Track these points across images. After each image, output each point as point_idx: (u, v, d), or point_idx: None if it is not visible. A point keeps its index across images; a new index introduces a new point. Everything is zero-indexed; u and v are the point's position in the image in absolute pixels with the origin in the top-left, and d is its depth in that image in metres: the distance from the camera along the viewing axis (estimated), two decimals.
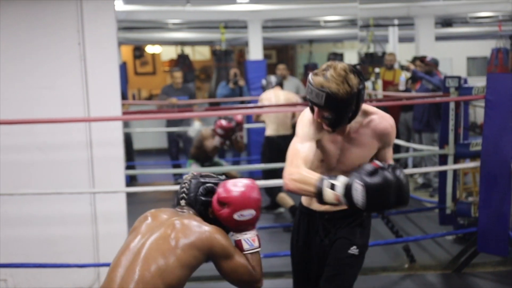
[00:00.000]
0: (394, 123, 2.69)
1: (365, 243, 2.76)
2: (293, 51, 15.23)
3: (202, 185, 2.42)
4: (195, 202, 2.41)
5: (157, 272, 2.16)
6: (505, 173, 4.23)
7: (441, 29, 11.33)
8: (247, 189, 2.36)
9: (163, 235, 2.23)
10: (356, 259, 2.73)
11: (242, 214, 2.33)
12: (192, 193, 2.42)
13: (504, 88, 4.24)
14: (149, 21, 10.46)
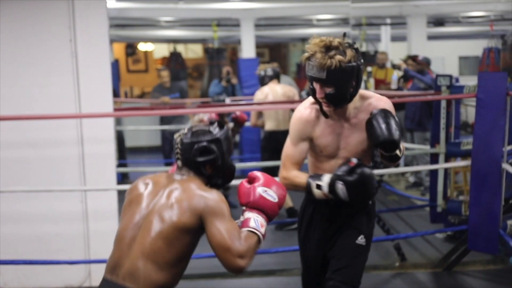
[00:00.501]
0: (391, 105, 2.72)
1: (371, 232, 2.79)
2: (285, 50, 15.23)
3: (195, 145, 2.32)
4: (191, 163, 2.33)
5: (162, 242, 2.17)
6: (496, 171, 4.24)
7: (433, 28, 11.37)
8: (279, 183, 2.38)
9: (164, 202, 2.23)
10: (363, 249, 2.76)
11: (266, 191, 2.29)
12: (186, 154, 2.33)
13: (495, 87, 4.25)
14: (142, 19, 10.44)
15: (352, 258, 2.74)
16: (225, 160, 2.38)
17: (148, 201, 2.27)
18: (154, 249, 2.17)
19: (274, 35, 12.09)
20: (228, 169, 2.41)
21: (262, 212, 2.29)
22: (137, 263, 2.17)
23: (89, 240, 4.45)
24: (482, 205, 4.26)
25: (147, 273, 2.16)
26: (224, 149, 2.37)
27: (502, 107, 4.21)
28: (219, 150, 2.35)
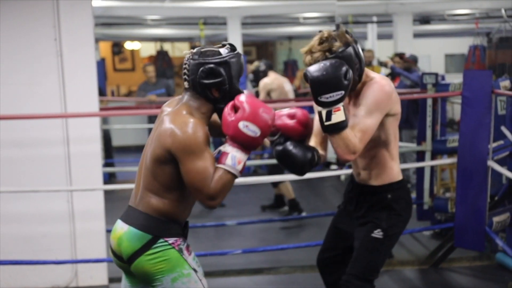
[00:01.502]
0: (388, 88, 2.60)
1: (392, 225, 2.73)
2: (272, 48, 15.24)
3: (202, 66, 2.25)
4: (197, 85, 2.27)
5: (149, 172, 2.28)
6: (481, 169, 4.27)
7: (419, 26, 11.40)
8: (265, 109, 2.25)
9: (152, 135, 2.32)
10: (380, 243, 2.72)
11: (247, 126, 2.21)
12: (192, 75, 2.27)
13: (480, 85, 4.28)
14: (128, 17, 10.39)
15: (365, 251, 2.73)
16: (233, 84, 2.29)
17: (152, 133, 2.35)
18: (146, 180, 2.30)
19: (261, 33, 12.08)
20: (236, 94, 2.30)
21: (241, 146, 2.24)
22: (142, 193, 2.32)
23: (76, 240, 4.43)
24: (468, 202, 4.28)
25: (148, 200, 2.30)
26: (233, 72, 2.28)
27: (487, 105, 4.24)
28: (226, 73, 2.26)
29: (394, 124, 2.69)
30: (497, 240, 4.28)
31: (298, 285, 4.47)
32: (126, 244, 2.30)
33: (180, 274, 2.29)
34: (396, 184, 2.75)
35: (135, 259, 2.28)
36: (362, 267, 2.72)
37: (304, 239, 5.32)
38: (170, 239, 2.29)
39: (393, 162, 2.74)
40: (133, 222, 2.31)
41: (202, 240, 5.52)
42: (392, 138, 2.71)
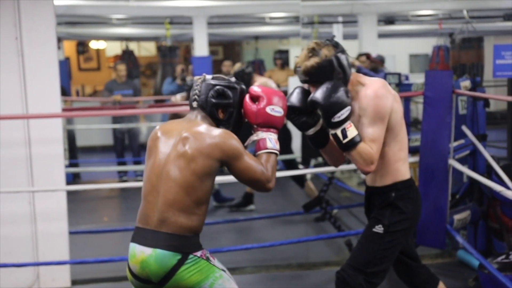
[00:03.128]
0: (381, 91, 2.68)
1: (395, 222, 2.79)
2: (239, 48, 15.24)
3: (212, 88, 2.48)
4: (206, 104, 2.47)
5: (183, 191, 2.35)
6: (443, 168, 4.33)
7: (384, 26, 11.52)
8: (277, 92, 2.56)
9: (177, 149, 2.38)
10: (379, 237, 2.79)
11: (274, 109, 2.49)
12: (203, 95, 2.47)
13: (441, 85, 4.34)
14: (92, 16, 10.28)
15: (364, 244, 2.83)
16: (239, 111, 2.52)
17: (165, 151, 2.42)
18: (177, 198, 2.35)
19: (227, 33, 12.06)
20: (240, 122, 2.55)
21: (273, 127, 2.51)
22: (165, 213, 2.36)
23: (38, 242, 4.37)
24: (430, 200, 4.34)
25: (175, 219, 2.35)
26: (240, 99, 2.53)
27: (448, 105, 4.31)
28: (234, 98, 2.50)
29: (397, 124, 2.74)
30: (458, 237, 4.35)
31: (263, 284, 4.49)
32: (156, 266, 2.36)
33: (214, 279, 2.43)
34: (401, 183, 2.81)
35: (169, 279, 2.37)
36: (358, 258, 2.81)
37: (270, 239, 5.34)
38: (198, 253, 2.41)
39: (399, 163, 2.80)
40: (158, 244, 2.36)
41: None
42: (396, 139, 2.77)
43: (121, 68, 8.22)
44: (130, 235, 5.94)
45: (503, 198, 4.14)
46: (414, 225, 2.90)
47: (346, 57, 2.71)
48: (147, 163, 2.48)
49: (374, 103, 2.66)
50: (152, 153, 2.46)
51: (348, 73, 2.71)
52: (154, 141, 2.48)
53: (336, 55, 2.67)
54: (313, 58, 2.67)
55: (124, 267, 4.67)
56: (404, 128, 2.81)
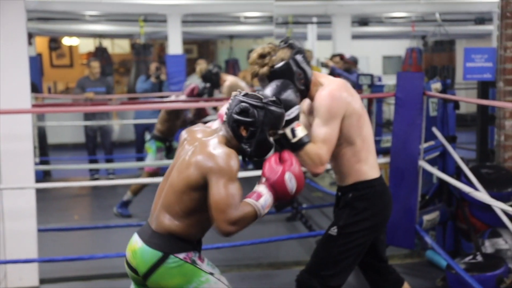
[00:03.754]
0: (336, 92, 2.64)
1: (350, 223, 2.73)
2: (214, 46, 15.21)
3: (238, 104, 2.40)
4: (230, 119, 2.41)
5: (174, 196, 2.37)
6: (413, 169, 4.38)
7: (358, 27, 11.61)
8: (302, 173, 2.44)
9: (184, 159, 2.39)
10: (333, 240, 2.74)
11: (291, 179, 2.37)
12: (231, 110, 2.42)
13: (413, 86, 4.38)
14: (65, 12, 10.17)
15: (319, 247, 2.80)
16: (264, 132, 2.39)
17: (179, 156, 2.45)
18: (169, 201, 2.38)
19: (202, 32, 12.04)
20: (264, 144, 2.41)
21: (275, 195, 2.38)
22: (159, 212, 2.41)
23: (5, 240, 4.30)
24: (400, 201, 4.38)
25: (162, 219, 2.39)
26: (267, 120, 2.38)
27: (419, 106, 4.35)
28: (259, 117, 2.37)
29: (353, 125, 2.69)
30: (427, 238, 4.40)
31: (234, 284, 4.45)
32: (140, 261, 2.40)
33: (199, 283, 2.40)
34: (362, 183, 2.75)
35: (149, 275, 2.39)
36: (314, 262, 2.79)
37: (241, 238, 5.33)
38: (180, 255, 2.39)
39: (360, 164, 2.74)
40: (146, 239, 2.42)
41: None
42: (356, 140, 2.72)
43: (94, 65, 8.14)
44: (100, 234, 5.92)
45: (472, 199, 4.20)
46: (376, 227, 2.79)
47: (303, 57, 2.68)
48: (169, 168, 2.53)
49: (327, 104, 2.63)
50: (177, 154, 2.50)
51: (309, 73, 2.68)
52: (181, 142, 2.52)
53: (293, 57, 2.65)
54: (268, 62, 2.64)
55: (93, 266, 4.66)
56: (367, 129, 2.76)
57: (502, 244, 4.26)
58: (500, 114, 4.67)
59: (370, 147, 2.77)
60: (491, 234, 4.32)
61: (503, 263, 3.95)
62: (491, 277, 3.86)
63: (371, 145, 2.78)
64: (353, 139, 2.71)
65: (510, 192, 4.34)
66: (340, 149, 2.72)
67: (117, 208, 6.22)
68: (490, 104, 4.78)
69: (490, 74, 4.68)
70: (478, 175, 4.30)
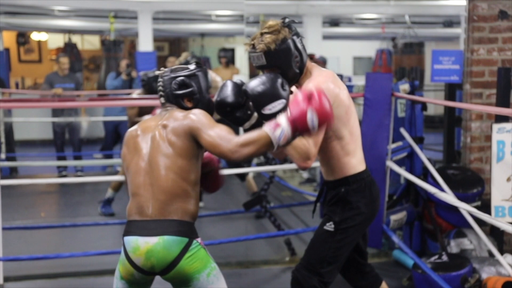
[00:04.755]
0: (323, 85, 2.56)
1: (346, 218, 2.72)
2: (185, 44, 15.14)
3: (173, 80, 2.52)
4: (172, 97, 2.53)
5: (172, 174, 2.39)
6: (380, 169, 4.42)
7: (329, 28, 11.67)
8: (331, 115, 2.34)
9: (158, 140, 2.43)
10: (331, 235, 2.72)
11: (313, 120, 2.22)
12: (167, 89, 2.53)
13: (381, 87, 4.42)
14: (33, 7, 10.02)
15: (315, 243, 2.77)
16: (203, 95, 2.55)
17: (147, 145, 2.46)
18: (174, 185, 2.39)
19: (173, 29, 11.96)
20: (208, 104, 2.57)
21: (295, 130, 2.25)
22: (165, 202, 2.39)
23: None
24: None
25: (178, 206, 2.40)
26: (202, 84, 2.55)
27: (387, 107, 4.39)
28: (196, 84, 2.54)
29: (341, 117, 2.65)
30: (394, 237, 4.44)
31: None
32: (164, 253, 2.38)
33: (211, 269, 2.46)
34: (352, 177, 2.74)
35: (176, 264, 2.39)
36: (311, 258, 2.75)
37: (210, 237, 5.32)
38: (198, 239, 2.46)
39: (349, 157, 2.72)
40: (165, 231, 2.38)
41: (107, 237, 5.42)
42: (343, 133, 2.68)
43: (63, 61, 8.03)
44: (67, 232, 5.84)
45: (438, 200, 4.25)
46: (368, 220, 2.80)
47: (301, 40, 2.64)
48: (130, 161, 2.49)
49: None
50: (135, 150, 2.49)
51: (305, 57, 2.64)
52: (134, 138, 2.52)
53: (292, 37, 2.60)
54: (269, 38, 2.55)
55: (59, 264, 4.60)
56: (355, 121, 2.72)
57: (467, 244, 4.32)
58: (467, 116, 4.74)
59: (357, 140, 2.76)
60: (456, 234, 4.38)
61: (467, 263, 4.01)
62: (456, 277, 3.92)
63: (358, 138, 2.76)
64: (341, 132, 2.68)
65: (475, 193, 4.41)
66: (328, 142, 2.70)
67: (100, 208, 6.16)
68: (457, 106, 4.85)
69: (457, 76, 4.74)
70: (444, 176, 4.35)
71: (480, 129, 4.70)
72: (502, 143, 3.67)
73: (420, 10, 10.99)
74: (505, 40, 4.63)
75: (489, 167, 3.99)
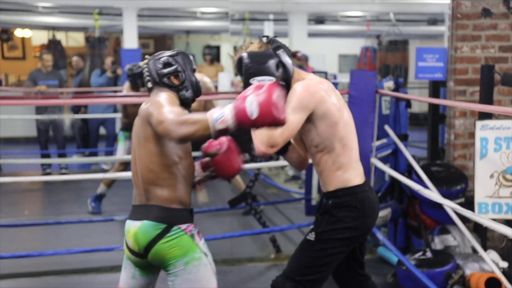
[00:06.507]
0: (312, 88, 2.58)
1: (328, 230, 2.65)
2: (170, 41, 15.10)
3: (157, 61, 2.57)
4: (158, 78, 2.56)
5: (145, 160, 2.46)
6: (365, 166, 4.39)
7: (314, 26, 11.68)
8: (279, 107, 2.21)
9: (136, 127, 2.52)
10: (310, 245, 2.67)
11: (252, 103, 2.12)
12: (153, 72, 2.57)
13: (365, 84, 4.43)
14: (17, 3, 9.94)
15: (296, 251, 2.74)
16: (188, 72, 2.59)
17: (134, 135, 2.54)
18: (149, 170, 2.46)
19: (158, 26, 11.92)
20: (196, 84, 2.61)
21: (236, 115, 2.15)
22: (147, 188, 2.48)
23: None
24: None
25: (155, 193, 2.47)
26: (186, 63, 2.60)
27: (371, 104, 4.40)
28: (181, 62, 2.59)
29: (331, 128, 2.61)
30: (378, 234, 4.46)
31: None
32: (142, 236, 2.46)
33: (192, 258, 2.47)
34: (342, 190, 2.66)
35: (151, 247, 2.45)
36: (290, 266, 2.72)
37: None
38: (182, 226, 2.48)
39: (341, 171, 2.65)
40: (145, 216, 2.48)
41: (91, 235, 5.39)
42: (334, 145, 2.63)
43: (47, 58, 7.97)
44: (51, 229, 5.83)
45: (422, 197, 4.28)
46: (358, 236, 2.70)
47: (284, 52, 2.63)
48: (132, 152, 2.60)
49: (299, 93, 2.57)
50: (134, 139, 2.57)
51: (289, 71, 2.63)
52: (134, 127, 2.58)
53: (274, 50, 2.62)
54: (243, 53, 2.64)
55: (43, 262, 4.58)
56: (349, 134, 2.67)
57: (451, 241, 4.35)
58: (451, 113, 4.77)
59: (352, 153, 2.69)
60: (440, 231, 4.41)
61: (451, 259, 4.03)
62: (440, 273, 3.94)
63: (354, 151, 2.70)
64: (332, 145, 2.63)
65: (459, 190, 4.44)
66: (320, 156, 2.66)
67: (90, 202, 6.15)
68: (441, 103, 4.88)
69: (441, 74, 4.77)
70: (428, 173, 4.37)
71: (464, 126, 4.73)
72: (485, 140, 3.70)
73: (404, 8, 11.03)
74: (488, 37, 4.67)
75: (472, 164, 4.02)
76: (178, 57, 2.60)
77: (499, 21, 4.66)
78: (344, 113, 2.67)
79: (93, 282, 4.42)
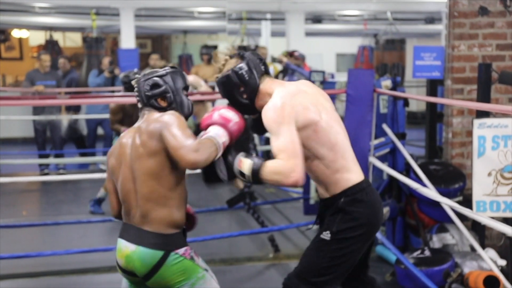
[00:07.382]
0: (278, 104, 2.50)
1: (344, 229, 2.56)
2: (168, 41, 15.10)
3: (144, 83, 2.54)
4: (146, 99, 2.53)
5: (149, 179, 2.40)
6: (363, 165, 4.40)
7: (311, 25, 11.69)
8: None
9: (136, 144, 2.45)
10: (325, 244, 2.58)
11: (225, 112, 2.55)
12: (141, 92, 2.54)
13: (363, 83, 4.44)
14: (14, 4, 9.92)
15: (310, 251, 2.65)
16: (177, 93, 2.55)
17: (129, 152, 2.48)
18: (151, 190, 2.40)
19: (155, 26, 11.93)
20: (187, 104, 2.58)
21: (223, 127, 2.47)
22: (145, 208, 2.42)
23: None
24: None
25: (156, 214, 2.41)
26: (176, 84, 2.55)
27: (369, 103, 4.40)
28: (169, 83, 2.54)
29: (311, 137, 2.53)
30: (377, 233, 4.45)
31: None
32: (139, 263, 2.42)
33: (197, 279, 2.46)
34: (350, 189, 2.58)
35: (152, 276, 2.42)
36: (303, 266, 2.64)
37: (194, 234, 5.31)
38: (180, 250, 2.44)
39: (339, 174, 2.58)
40: (140, 241, 2.42)
41: (89, 236, 5.39)
42: (321, 151, 2.55)
43: (45, 58, 7.97)
44: (49, 230, 5.81)
45: (420, 196, 4.28)
46: (370, 232, 2.61)
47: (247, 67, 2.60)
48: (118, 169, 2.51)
49: (270, 117, 2.50)
50: (122, 157, 2.51)
51: (252, 85, 2.60)
52: (119, 147, 2.53)
53: (233, 69, 2.59)
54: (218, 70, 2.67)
55: (41, 262, 4.57)
56: (336, 135, 2.58)
57: (449, 239, 4.35)
58: (448, 111, 4.78)
59: (346, 154, 2.60)
60: (438, 229, 4.41)
61: (450, 257, 4.03)
62: (439, 271, 3.95)
63: (347, 152, 2.61)
64: (319, 152, 2.55)
65: (457, 188, 4.44)
66: (310, 163, 2.58)
67: (90, 206, 6.13)
68: (438, 101, 4.88)
69: (438, 72, 4.77)
70: (426, 172, 4.38)
71: (462, 124, 4.74)
72: (483, 138, 3.70)
73: (401, 7, 11.05)
74: (485, 36, 4.67)
75: (470, 162, 4.02)
76: (167, 77, 2.55)
77: (496, 19, 4.66)
78: (323, 117, 2.57)
79: (91, 282, 4.42)
